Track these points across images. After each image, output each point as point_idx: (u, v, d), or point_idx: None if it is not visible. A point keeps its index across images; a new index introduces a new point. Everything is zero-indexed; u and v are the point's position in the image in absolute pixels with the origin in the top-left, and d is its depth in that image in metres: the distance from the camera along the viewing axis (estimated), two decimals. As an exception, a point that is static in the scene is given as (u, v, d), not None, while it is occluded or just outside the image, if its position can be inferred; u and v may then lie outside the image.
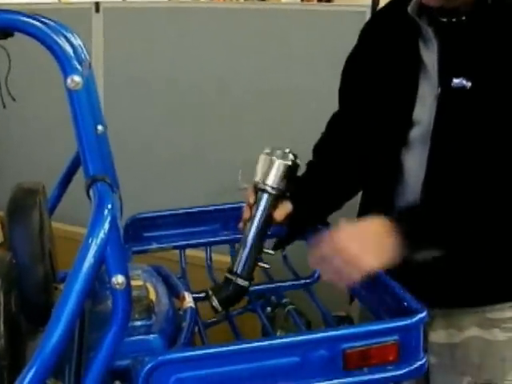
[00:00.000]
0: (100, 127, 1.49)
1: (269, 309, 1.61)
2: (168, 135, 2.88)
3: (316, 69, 2.52)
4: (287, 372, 1.15)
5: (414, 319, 1.19)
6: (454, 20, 1.35)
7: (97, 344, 1.09)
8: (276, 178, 1.43)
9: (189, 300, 1.41)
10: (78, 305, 1.00)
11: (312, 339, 1.18)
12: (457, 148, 1.35)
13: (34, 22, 1.10)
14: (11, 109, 1.64)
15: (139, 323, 1.28)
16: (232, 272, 1.46)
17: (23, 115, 2.99)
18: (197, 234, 1.76)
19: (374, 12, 2.27)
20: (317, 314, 1.51)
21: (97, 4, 2.96)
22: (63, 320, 0.98)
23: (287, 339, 1.20)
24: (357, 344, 1.16)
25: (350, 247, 1.23)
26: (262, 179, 1.43)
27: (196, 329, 1.42)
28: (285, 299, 1.58)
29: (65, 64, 1.08)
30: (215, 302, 1.46)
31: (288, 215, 1.45)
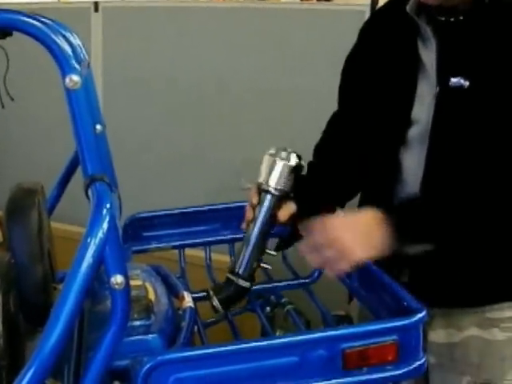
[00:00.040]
0: (99, 127, 1.49)
1: (268, 308, 1.60)
2: (167, 135, 2.88)
3: (315, 68, 2.52)
4: (286, 372, 1.15)
5: (414, 319, 1.19)
6: (452, 19, 1.35)
7: (96, 344, 1.09)
8: (279, 180, 1.42)
9: (188, 300, 1.41)
10: (77, 305, 1.00)
11: (311, 339, 1.18)
12: (455, 147, 1.34)
13: (33, 22, 1.09)
14: (10, 109, 1.64)
15: (138, 323, 1.28)
16: (233, 272, 1.46)
17: (22, 115, 2.98)
18: (196, 234, 1.76)
19: (374, 11, 2.27)
20: (316, 314, 1.50)
21: (96, 3, 2.96)
22: (62, 320, 0.98)
23: (286, 339, 1.19)
24: (356, 344, 1.16)
25: (342, 238, 1.25)
26: (266, 180, 1.43)
27: (195, 328, 1.42)
28: (284, 299, 1.58)
29: (63, 63, 1.08)
30: (216, 302, 1.46)
31: (292, 216, 1.45)
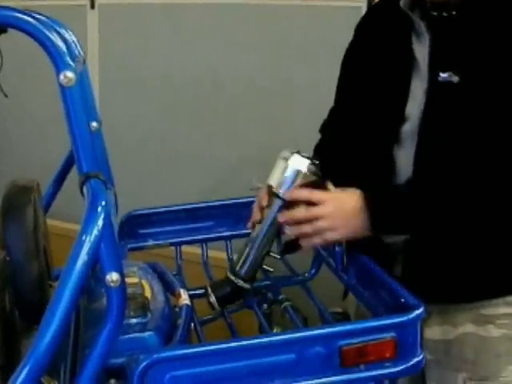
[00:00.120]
0: (94, 124, 1.48)
1: (265, 305, 1.60)
2: (163, 132, 2.88)
3: (312, 65, 2.51)
4: (283, 369, 1.14)
5: (411, 315, 1.18)
6: (445, 14, 1.34)
7: (92, 342, 1.09)
8: (291, 186, 1.40)
9: (184, 297, 1.40)
10: (72, 302, 0.99)
11: (308, 336, 1.17)
12: (443, 143, 1.34)
13: (27, 18, 1.08)
14: (4, 106, 1.63)
15: (134, 321, 1.27)
16: (234, 272, 1.45)
17: (17, 112, 2.97)
18: (193, 231, 1.76)
19: (370, 6, 2.26)
20: (313, 311, 1.50)
21: (92, 0, 2.95)
22: (57, 318, 0.97)
23: (283, 336, 1.19)
24: (353, 341, 1.16)
25: (322, 218, 1.33)
26: (277, 185, 1.40)
27: (192, 326, 1.41)
28: (281, 296, 1.58)
29: (57, 60, 1.07)
30: (213, 299, 1.46)
31: None
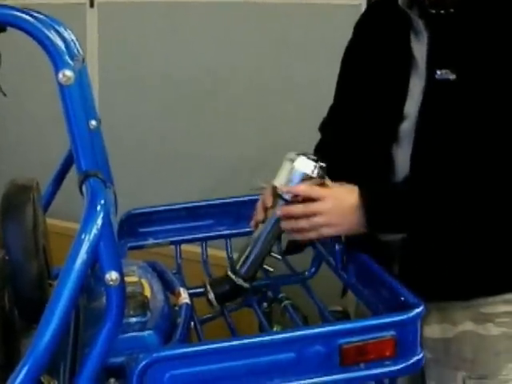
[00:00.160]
0: (93, 122, 1.48)
1: (265, 304, 1.60)
2: (163, 131, 2.87)
3: (312, 62, 2.51)
4: (283, 368, 1.14)
5: (411, 314, 1.18)
6: (443, 12, 1.34)
7: (91, 341, 1.08)
8: None
9: (184, 296, 1.40)
10: (71, 301, 0.99)
11: (308, 335, 1.17)
12: (440, 141, 1.34)
13: (25, 17, 1.08)
14: (3, 105, 1.63)
15: (134, 320, 1.27)
16: (235, 271, 1.45)
17: (16, 111, 2.98)
18: (192, 229, 1.75)
19: (369, 3, 2.26)
20: (313, 309, 1.50)
21: (91, -1, 2.95)
22: (56, 317, 0.97)
23: (283, 335, 1.19)
24: (353, 339, 1.15)
25: (320, 215, 1.33)
26: (282, 186, 1.39)
27: (192, 325, 1.41)
28: (281, 294, 1.57)
29: (56, 58, 1.07)
30: (211, 296, 1.46)
31: None
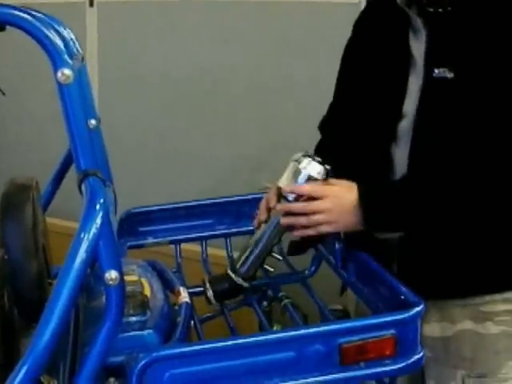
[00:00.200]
0: (93, 121, 1.48)
1: (265, 303, 1.60)
2: (163, 130, 2.87)
3: (312, 61, 2.51)
4: (283, 367, 1.14)
5: (412, 313, 1.18)
6: (441, 10, 1.34)
7: (91, 340, 1.08)
8: None
9: (184, 295, 1.40)
10: (71, 300, 0.99)
11: (308, 334, 1.17)
12: (438, 139, 1.33)
13: (24, 16, 1.08)
14: (2, 103, 1.62)
15: (134, 319, 1.27)
16: (235, 270, 1.45)
17: (15, 110, 2.97)
18: (192, 228, 1.75)
19: (368, 1, 2.26)
20: (313, 308, 1.50)
21: (91, -2, 2.95)
22: (55, 316, 0.97)
23: (282, 334, 1.19)
24: (353, 338, 1.15)
25: (320, 213, 1.33)
26: (287, 187, 1.38)
27: (191, 324, 1.41)
28: (281, 293, 1.57)
29: (55, 57, 1.07)
30: (210, 293, 1.46)
31: None
